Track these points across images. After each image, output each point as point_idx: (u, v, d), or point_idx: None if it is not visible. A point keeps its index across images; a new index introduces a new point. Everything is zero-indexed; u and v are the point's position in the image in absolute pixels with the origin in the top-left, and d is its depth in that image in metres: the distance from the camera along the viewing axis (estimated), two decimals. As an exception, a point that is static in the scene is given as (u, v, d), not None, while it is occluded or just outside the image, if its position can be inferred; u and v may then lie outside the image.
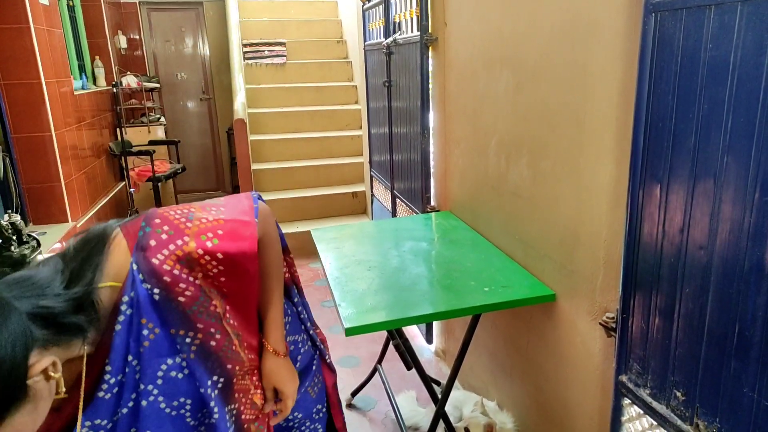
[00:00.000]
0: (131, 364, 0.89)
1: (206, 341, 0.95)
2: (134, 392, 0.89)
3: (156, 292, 0.88)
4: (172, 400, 0.92)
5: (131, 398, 0.89)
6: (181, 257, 0.90)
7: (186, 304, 0.91)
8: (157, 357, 0.90)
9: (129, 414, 0.89)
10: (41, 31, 3.58)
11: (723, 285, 1.03)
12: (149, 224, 0.92)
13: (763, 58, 0.91)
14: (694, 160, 1.07)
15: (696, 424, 1.12)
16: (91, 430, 0.87)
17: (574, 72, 1.56)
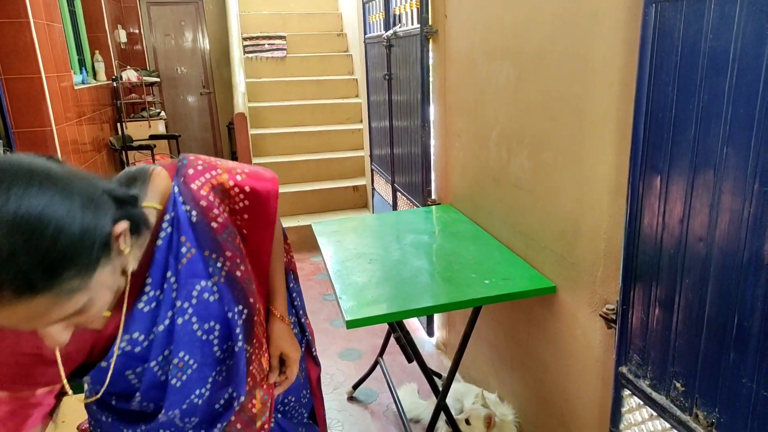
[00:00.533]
0: (169, 281, 0.93)
1: (233, 270, 0.99)
2: (170, 310, 0.93)
3: (194, 215, 0.94)
4: (204, 323, 0.96)
5: (167, 316, 0.93)
6: (215, 186, 0.98)
7: (217, 231, 0.97)
8: (192, 277, 0.94)
9: (165, 332, 0.93)
10: (41, 25, 3.58)
11: (722, 276, 1.03)
12: (186, 159, 1.00)
13: (763, 48, 0.90)
14: (694, 151, 1.07)
15: (695, 415, 1.13)
16: (129, 344, 0.90)
17: (575, 63, 1.56)
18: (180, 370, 0.95)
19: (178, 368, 0.94)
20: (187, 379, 0.96)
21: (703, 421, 1.11)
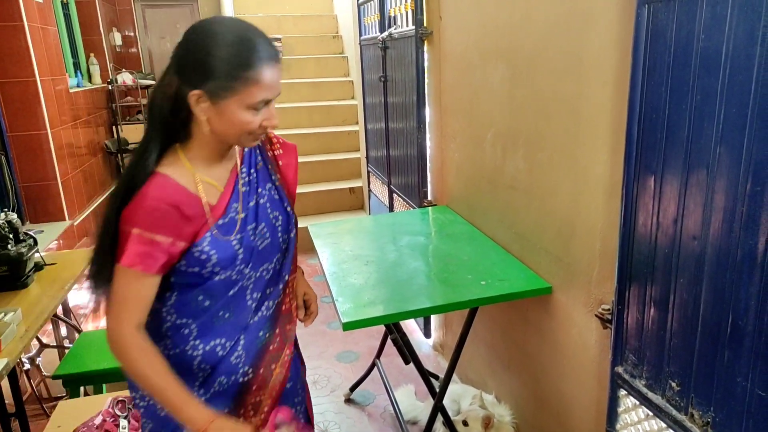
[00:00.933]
0: (252, 174, 1.22)
1: (282, 185, 1.29)
2: (255, 194, 1.21)
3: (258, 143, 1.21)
4: (273, 211, 1.24)
5: (254, 198, 1.21)
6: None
7: (271, 158, 1.28)
8: (263, 180, 1.24)
9: (253, 208, 1.20)
10: (35, 28, 3.57)
11: (716, 275, 1.03)
12: None
13: (755, 48, 0.91)
14: (687, 150, 1.07)
15: (691, 414, 1.13)
16: (233, 212, 1.16)
17: (569, 63, 1.56)
18: (263, 237, 1.20)
19: (261, 235, 1.20)
20: (265, 246, 1.21)
21: (699, 421, 1.11)
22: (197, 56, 1.03)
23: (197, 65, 1.03)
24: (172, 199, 1.07)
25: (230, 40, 1.02)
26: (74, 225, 3.86)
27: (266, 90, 1.04)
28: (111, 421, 1.53)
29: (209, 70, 1.02)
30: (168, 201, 1.06)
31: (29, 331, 1.79)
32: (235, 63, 1.01)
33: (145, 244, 1.05)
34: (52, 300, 2.02)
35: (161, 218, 1.05)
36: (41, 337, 2.60)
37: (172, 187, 1.08)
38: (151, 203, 1.05)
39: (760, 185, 0.93)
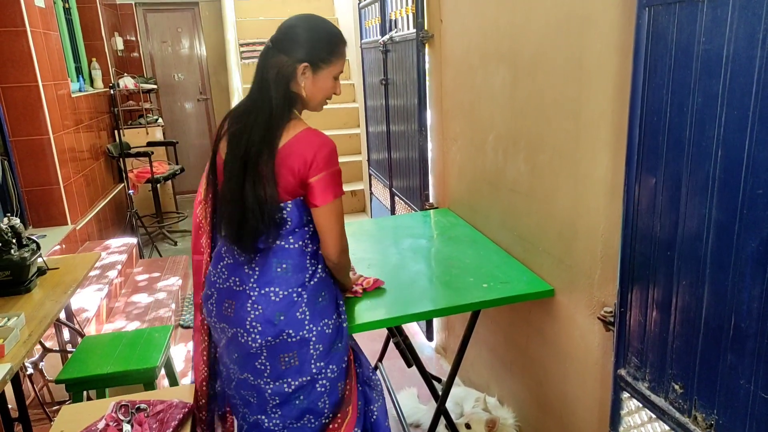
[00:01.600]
0: None
1: None
2: None
3: None
4: None
5: None
6: None
7: None
8: None
9: None
10: (38, 33, 3.58)
11: (718, 277, 1.03)
12: None
13: (755, 51, 0.91)
14: (688, 153, 1.07)
15: (694, 417, 1.13)
16: None
17: (570, 66, 1.56)
18: None
19: None
20: None
21: (702, 423, 1.11)
22: (305, 39, 1.40)
23: (308, 45, 1.40)
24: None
25: (326, 29, 1.44)
26: (77, 229, 3.87)
27: (343, 65, 1.47)
28: (114, 426, 1.53)
29: (315, 49, 1.40)
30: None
31: (32, 335, 1.80)
32: (332, 44, 1.43)
33: (340, 178, 1.43)
34: (54, 304, 2.02)
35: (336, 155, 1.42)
36: (44, 341, 2.60)
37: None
38: (331, 146, 1.40)
39: (761, 187, 0.93)
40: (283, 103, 1.39)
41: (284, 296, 1.44)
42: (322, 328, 1.47)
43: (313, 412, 1.50)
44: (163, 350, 2.26)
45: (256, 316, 1.44)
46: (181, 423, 1.58)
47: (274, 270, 1.44)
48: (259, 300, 1.43)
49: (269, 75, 1.39)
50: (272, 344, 1.44)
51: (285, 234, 1.44)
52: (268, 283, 1.44)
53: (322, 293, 1.49)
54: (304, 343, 1.45)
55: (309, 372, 1.47)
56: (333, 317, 1.51)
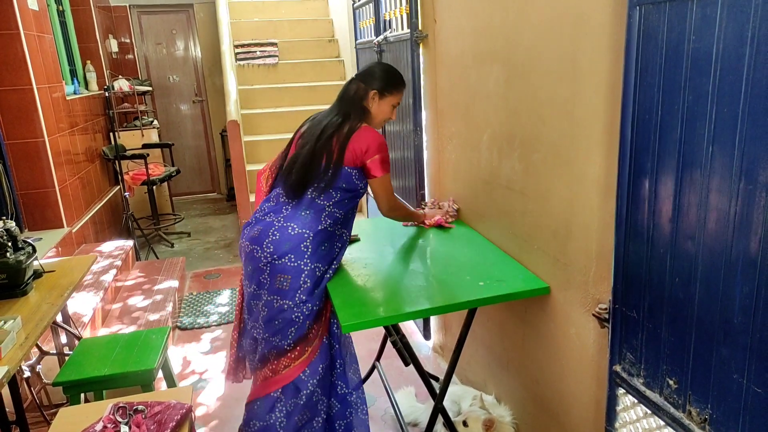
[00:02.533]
0: None
1: None
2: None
3: None
4: None
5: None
6: None
7: None
8: None
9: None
10: (31, 36, 3.58)
11: (711, 273, 1.04)
12: None
13: (744, 49, 0.92)
14: (680, 151, 1.08)
15: (689, 411, 1.14)
16: None
17: (563, 65, 1.57)
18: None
19: None
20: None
21: (697, 418, 1.12)
22: (383, 77, 2.03)
23: (381, 81, 2.02)
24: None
25: (394, 73, 2.06)
26: (72, 232, 3.86)
27: (398, 99, 2.08)
28: (112, 428, 1.54)
29: (385, 84, 2.02)
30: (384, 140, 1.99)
31: (29, 338, 1.80)
32: (395, 82, 2.04)
33: (388, 161, 1.98)
34: (51, 307, 2.02)
35: (386, 148, 1.98)
36: (41, 344, 2.60)
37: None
38: (381, 139, 1.97)
39: (752, 183, 0.94)
40: (356, 109, 2.00)
41: (298, 233, 1.91)
42: (314, 267, 1.92)
43: (282, 334, 1.93)
44: (161, 352, 2.26)
45: (273, 239, 1.91)
46: (179, 424, 1.58)
47: (300, 214, 1.94)
48: (281, 230, 1.92)
49: (350, 93, 2.03)
50: (276, 264, 1.90)
51: (323, 194, 1.93)
52: (290, 219, 1.93)
53: (325, 243, 1.95)
54: (298, 272, 1.89)
55: (292, 298, 1.90)
56: (324, 266, 1.95)
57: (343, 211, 1.98)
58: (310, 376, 1.94)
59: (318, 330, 1.96)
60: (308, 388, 1.93)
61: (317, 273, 1.92)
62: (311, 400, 1.95)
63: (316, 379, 1.94)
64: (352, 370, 2.08)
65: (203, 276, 4.53)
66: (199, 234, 5.79)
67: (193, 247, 5.41)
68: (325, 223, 1.93)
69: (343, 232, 2.02)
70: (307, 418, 1.96)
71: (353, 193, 1.98)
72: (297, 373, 1.93)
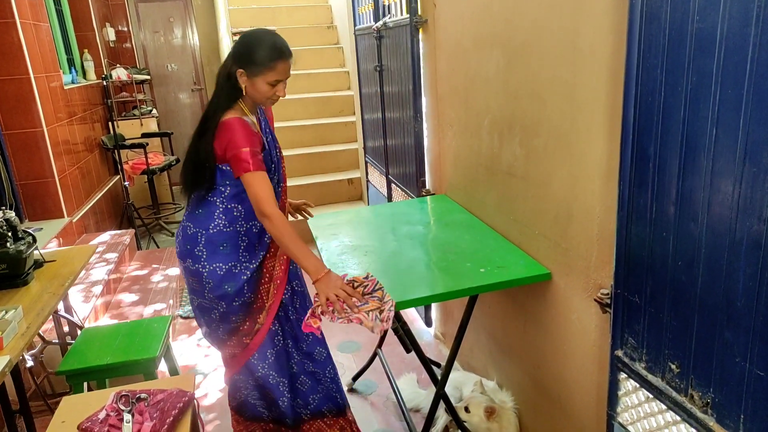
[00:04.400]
0: (269, 140, 1.94)
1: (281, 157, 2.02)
2: (265, 131, 1.94)
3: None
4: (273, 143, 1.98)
5: (266, 133, 1.93)
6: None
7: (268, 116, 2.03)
8: (266, 123, 1.97)
9: (268, 140, 1.93)
10: (27, 25, 3.54)
11: (714, 257, 1.04)
12: None
13: (749, 28, 0.90)
14: (683, 132, 1.07)
15: (690, 395, 1.14)
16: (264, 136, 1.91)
17: (564, 47, 1.56)
18: (274, 155, 1.95)
19: (273, 154, 1.95)
20: (276, 161, 1.95)
21: (699, 402, 1.12)
22: (246, 50, 1.78)
23: (245, 55, 1.78)
24: (249, 129, 1.79)
25: (263, 45, 1.76)
26: (73, 222, 3.86)
27: (278, 74, 1.79)
28: (115, 416, 1.54)
29: (248, 60, 1.77)
30: (249, 130, 1.78)
31: (30, 328, 1.80)
32: (263, 59, 1.76)
33: (254, 155, 1.75)
34: (52, 297, 2.02)
35: (251, 139, 1.77)
36: (43, 334, 2.61)
37: (245, 123, 1.79)
38: (243, 131, 1.76)
39: (756, 166, 0.93)
40: (227, 95, 1.83)
41: (193, 232, 1.88)
42: (214, 268, 1.88)
43: (212, 329, 1.99)
44: (162, 340, 2.26)
45: (178, 240, 1.94)
46: (182, 411, 1.59)
47: (195, 213, 1.90)
48: (183, 229, 1.92)
49: (220, 75, 1.85)
50: (183, 266, 1.93)
51: (211, 191, 1.86)
52: (188, 219, 1.91)
53: (224, 244, 1.88)
54: (198, 275, 1.89)
55: (202, 297, 1.92)
56: (228, 264, 1.89)
57: (243, 206, 1.87)
58: (258, 360, 2.00)
59: (254, 322, 1.96)
60: (260, 371, 2.01)
61: (219, 272, 1.87)
62: (269, 382, 2.03)
63: (266, 363, 2.00)
64: (316, 352, 2.11)
65: (204, 265, 4.53)
66: (200, 223, 5.78)
67: (194, 236, 5.41)
68: (219, 221, 1.86)
69: (252, 225, 1.90)
70: (272, 398, 2.06)
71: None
72: (246, 358, 2.00)
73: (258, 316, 1.97)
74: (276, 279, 1.98)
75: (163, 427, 1.50)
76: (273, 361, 2.01)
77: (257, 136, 1.83)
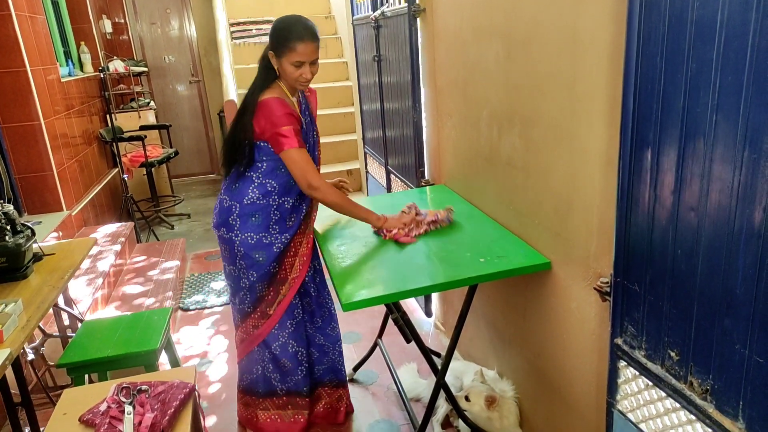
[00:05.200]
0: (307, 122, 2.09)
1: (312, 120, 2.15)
2: (304, 114, 2.06)
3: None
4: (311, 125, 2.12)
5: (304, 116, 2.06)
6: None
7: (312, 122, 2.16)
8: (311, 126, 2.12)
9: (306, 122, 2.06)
10: (23, 17, 3.52)
11: (714, 245, 1.04)
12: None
13: (750, 14, 0.90)
14: (683, 121, 1.07)
15: (690, 383, 1.14)
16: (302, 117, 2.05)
17: (564, 37, 1.55)
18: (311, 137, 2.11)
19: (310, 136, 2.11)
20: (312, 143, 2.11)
21: (698, 389, 1.12)
22: (273, 33, 1.93)
23: (272, 39, 1.94)
24: (288, 108, 1.93)
25: (284, 27, 1.90)
26: (72, 215, 3.85)
27: (300, 56, 1.89)
28: (116, 408, 1.55)
29: (275, 42, 1.92)
30: (287, 110, 1.92)
31: (31, 321, 1.80)
32: (282, 37, 1.89)
33: (296, 133, 1.91)
34: (52, 290, 2.03)
35: (290, 117, 1.92)
36: (44, 327, 2.61)
37: (284, 103, 1.93)
38: (281, 110, 1.90)
39: (756, 153, 0.92)
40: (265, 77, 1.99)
41: (228, 205, 2.05)
42: (245, 237, 2.04)
43: (239, 297, 2.15)
44: (163, 332, 2.27)
45: (215, 212, 2.11)
46: (183, 403, 1.60)
47: (232, 186, 2.06)
48: (220, 202, 2.09)
49: (261, 59, 2.01)
50: (218, 234, 2.10)
51: (250, 167, 2.01)
52: (225, 192, 2.08)
53: (256, 215, 2.03)
54: (231, 243, 2.06)
55: (234, 263, 2.09)
56: (259, 234, 2.04)
57: (278, 181, 2.02)
58: (279, 330, 2.15)
59: (277, 292, 2.12)
60: (279, 340, 2.16)
61: (250, 241, 2.04)
62: (287, 351, 2.18)
63: (286, 332, 2.16)
64: (330, 327, 2.34)
65: (204, 257, 4.54)
66: (199, 215, 5.78)
67: (193, 228, 5.41)
68: (252, 195, 2.01)
69: (284, 200, 2.05)
70: (290, 366, 2.20)
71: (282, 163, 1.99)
72: (267, 331, 2.15)
73: (281, 288, 2.12)
74: (303, 255, 2.13)
75: (164, 419, 1.50)
76: (293, 330, 2.17)
77: (295, 115, 1.95)
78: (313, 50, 1.91)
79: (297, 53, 1.88)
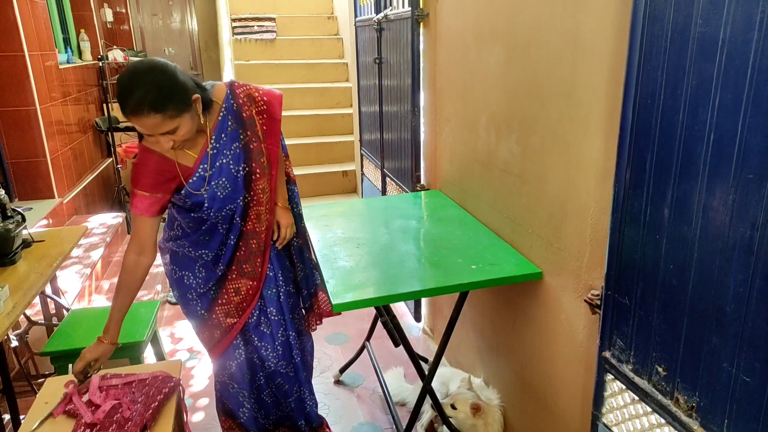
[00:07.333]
0: (222, 139, 1.67)
1: (249, 141, 1.71)
2: (221, 156, 1.67)
3: (235, 107, 1.68)
4: (235, 165, 1.69)
5: (220, 159, 1.66)
6: (248, 94, 1.71)
7: (246, 118, 1.70)
8: (231, 140, 1.68)
9: (218, 168, 1.66)
10: (23, 2, 3.50)
11: (706, 261, 1.04)
12: (234, 80, 1.77)
13: (752, 33, 0.90)
14: (681, 137, 1.07)
15: (676, 399, 1.14)
16: (203, 171, 1.65)
17: (565, 46, 1.55)
18: (224, 188, 1.68)
19: (223, 187, 1.67)
20: (226, 194, 1.69)
21: (684, 405, 1.12)
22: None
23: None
24: (154, 164, 1.60)
25: (120, 91, 1.45)
26: (64, 203, 3.82)
27: (142, 129, 1.47)
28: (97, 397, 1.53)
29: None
30: (152, 166, 1.60)
31: (16, 307, 1.78)
32: (121, 107, 1.45)
33: (144, 199, 1.60)
34: (40, 277, 2.00)
35: (149, 180, 1.60)
36: (29, 314, 2.58)
37: (155, 159, 1.60)
38: (143, 169, 1.60)
39: (751, 173, 0.92)
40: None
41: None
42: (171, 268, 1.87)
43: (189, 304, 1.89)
44: (150, 325, 2.25)
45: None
46: (167, 396, 1.58)
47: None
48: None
49: None
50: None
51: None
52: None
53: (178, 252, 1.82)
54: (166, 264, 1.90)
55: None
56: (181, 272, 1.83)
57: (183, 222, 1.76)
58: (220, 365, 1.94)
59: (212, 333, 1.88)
60: (222, 377, 1.95)
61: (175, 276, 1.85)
62: (227, 390, 1.96)
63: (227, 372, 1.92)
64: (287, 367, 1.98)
65: (195, 251, 4.51)
66: (192, 209, 5.75)
67: (185, 222, 5.38)
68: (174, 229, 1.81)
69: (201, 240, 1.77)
70: (230, 407, 1.97)
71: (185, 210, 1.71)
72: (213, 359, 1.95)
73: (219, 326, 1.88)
74: (243, 302, 1.85)
75: (148, 412, 1.49)
76: (234, 371, 1.91)
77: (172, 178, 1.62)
78: (156, 124, 1.43)
79: (134, 122, 1.45)
